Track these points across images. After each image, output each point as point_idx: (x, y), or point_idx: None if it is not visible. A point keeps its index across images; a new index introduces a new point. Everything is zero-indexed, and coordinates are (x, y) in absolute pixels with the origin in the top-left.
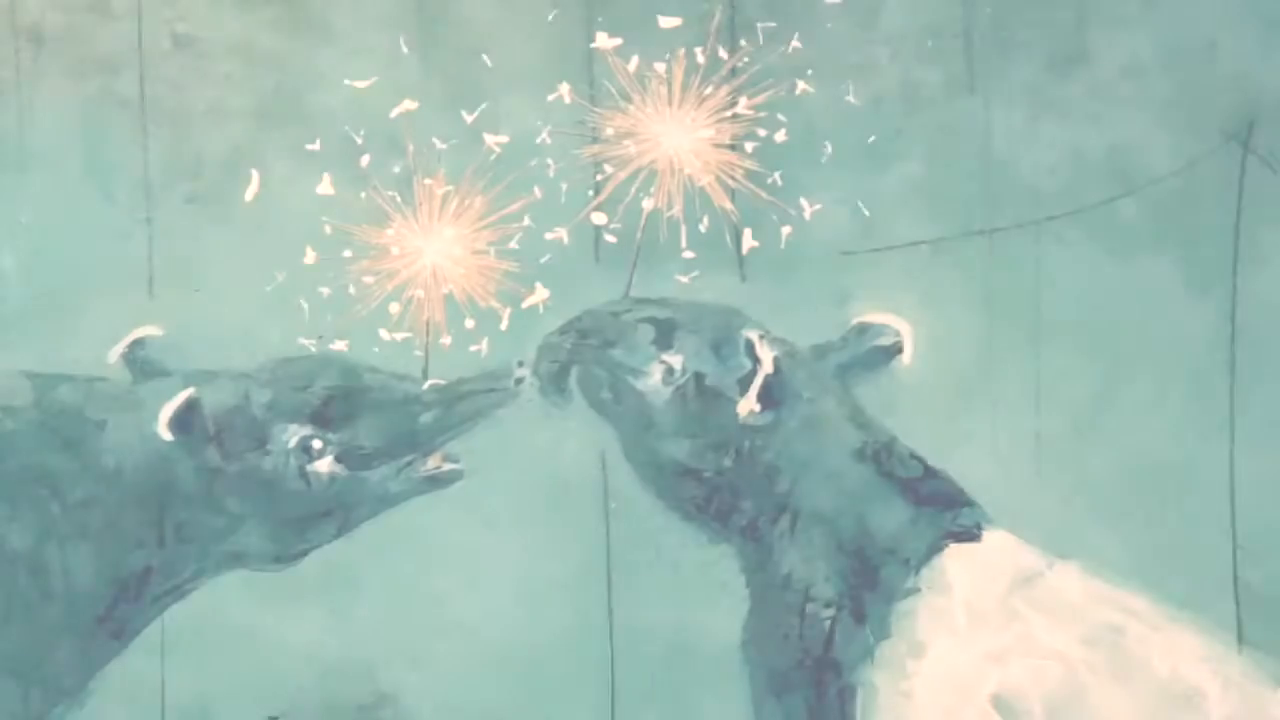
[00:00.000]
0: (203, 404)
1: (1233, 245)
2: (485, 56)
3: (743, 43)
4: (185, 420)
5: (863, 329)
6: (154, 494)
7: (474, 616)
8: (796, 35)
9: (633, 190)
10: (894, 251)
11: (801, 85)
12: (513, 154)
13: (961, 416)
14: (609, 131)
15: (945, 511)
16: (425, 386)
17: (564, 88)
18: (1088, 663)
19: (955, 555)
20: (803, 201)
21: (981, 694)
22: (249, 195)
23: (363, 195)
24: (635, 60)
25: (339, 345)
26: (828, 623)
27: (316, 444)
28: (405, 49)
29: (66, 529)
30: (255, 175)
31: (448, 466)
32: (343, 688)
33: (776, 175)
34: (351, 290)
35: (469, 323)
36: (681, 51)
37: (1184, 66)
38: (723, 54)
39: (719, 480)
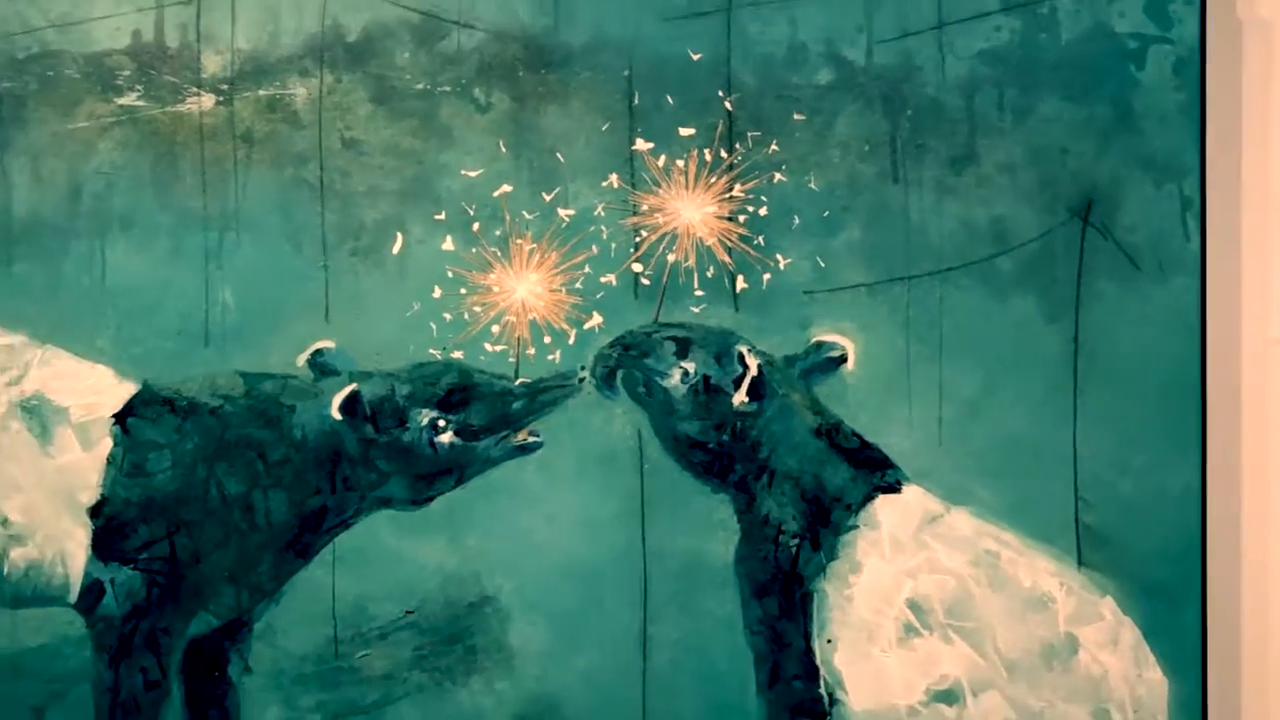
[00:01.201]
0: (362, 395)
1: (1075, 289)
2: (559, 155)
3: (737, 146)
4: (350, 406)
5: (819, 345)
6: (328, 457)
7: (548, 542)
8: (774, 141)
9: (660, 248)
10: (841, 291)
11: (778, 176)
12: (577, 223)
13: (887, 407)
14: (644, 208)
15: (875, 472)
16: (516, 384)
17: (613, 177)
18: (973, 577)
19: (882, 503)
20: (778, 256)
21: (900, 598)
22: (395, 249)
23: (474, 250)
24: (663, 158)
25: (457, 354)
26: (793, 548)
27: (440, 423)
28: (503, 149)
29: (267, 480)
30: (399, 236)
31: (531, 439)
32: (457, 590)
33: (760, 238)
34: (466, 316)
35: (546, 339)
36: (694, 152)
37: (1042, 164)
38: (723, 154)
39: (719, 450)
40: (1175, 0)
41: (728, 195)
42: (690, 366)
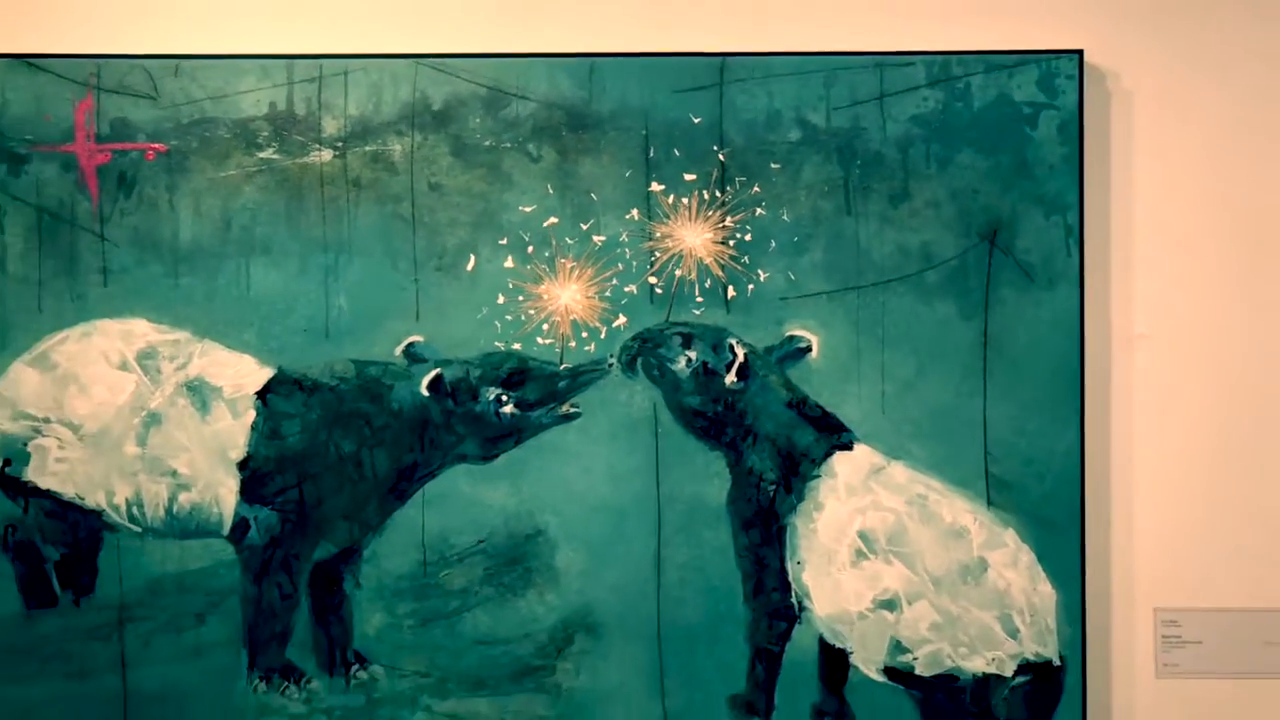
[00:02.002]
0: (444, 377)
1: (984, 296)
2: (593, 195)
3: (728, 188)
4: (435, 385)
5: (790, 338)
6: (418, 424)
7: (585, 488)
8: (756, 184)
9: (670, 265)
10: (807, 298)
11: (759, 210)
12: (607, 247)
13: (842, 385)
14: (657, 235)
15: (833, 434)
16: (561, 368)
17: (634, 211)
18: (908, 514)
19: (839, 458)
20: (759, 271)
21: (852, 530)
22: (469, 267)
23: (528, 267)
24: (672, 197)
25: (516, 346)
26: (771, 492)
27: (503, 398)
28: (551, 191)
29: (372, 442)
30: (472, 257)
31: (572, 410)
32: (516, 525)
33: (745, 258)
34: (522, 317)
35: (584, 334)
36: (696, 192)
37: (959, 201)
38: (718, 194)
39: (715, 418)
40: (1059, 75)
41: (721, 225)
42: (693, 355)
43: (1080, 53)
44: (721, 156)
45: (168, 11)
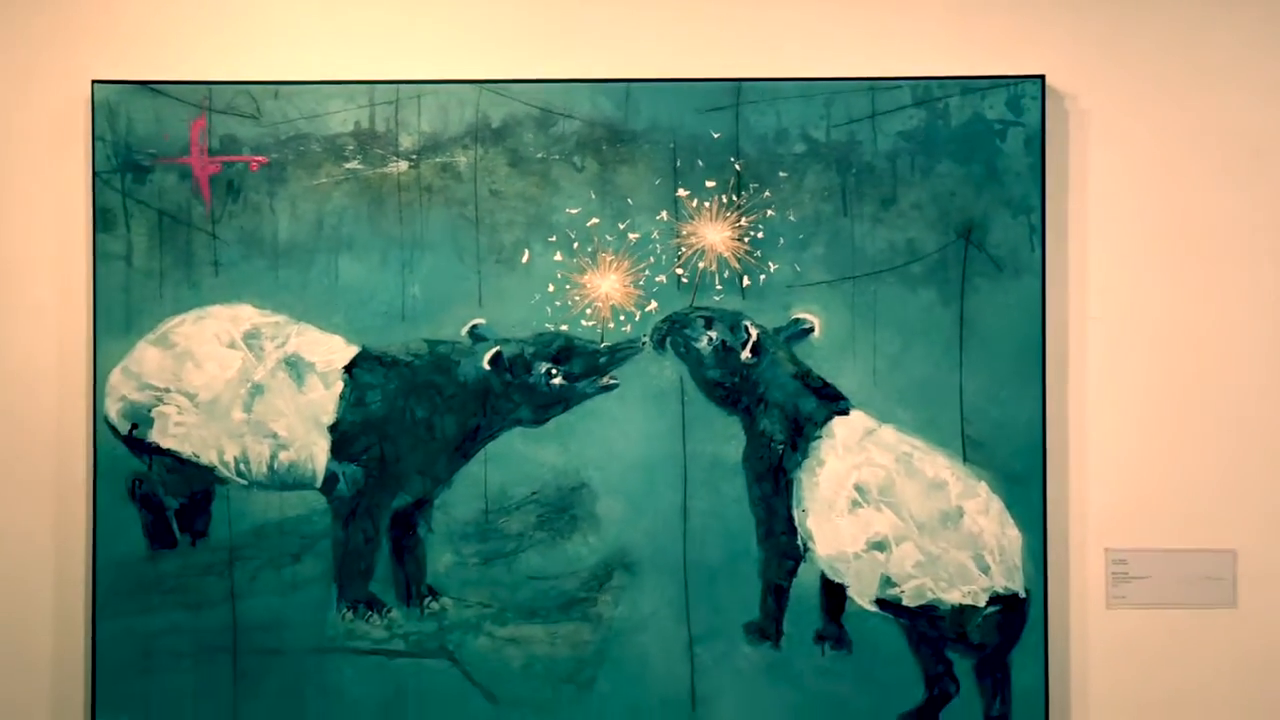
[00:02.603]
0: (503, 353)
1: (960, 285)
2: (629, 199)
3: (743, 193)
4: (495, 360)
5: (796, 320)
6: (481, 393)
7: (623, 448)
8: (767, 190)
9: (694, 259)
10: (810, 286)
11: (769, 212)
12: (641, 243)
13: (840, 360)
14: (684, 233)
15: (833, 402)
16: (601, 346)
17: (664, 213)
18: (896, 469)
19: (837, 422)
20: (769, 264)
21: (849, 483)
22: (524, 260)
23: (574, 260)
24: (696, 201)
25: (563, 327)
26: (780, 451)
27: (553, 371)
28: (593, 196)
29: (442, 408)
30: (527, 252)
31: (611, 382)
32: (564, 479)
33: (758, 252)
34: (569, 303)
35: (621, 317)
36: (716, 197)
37: (939, 204)
38: (735, 198)
39: (732, 388)
40: (1025, 97)
41: (737, 225)
42: (713, 334)
43: (1043, 77)
44: (737, 166)
45: (268, 44)
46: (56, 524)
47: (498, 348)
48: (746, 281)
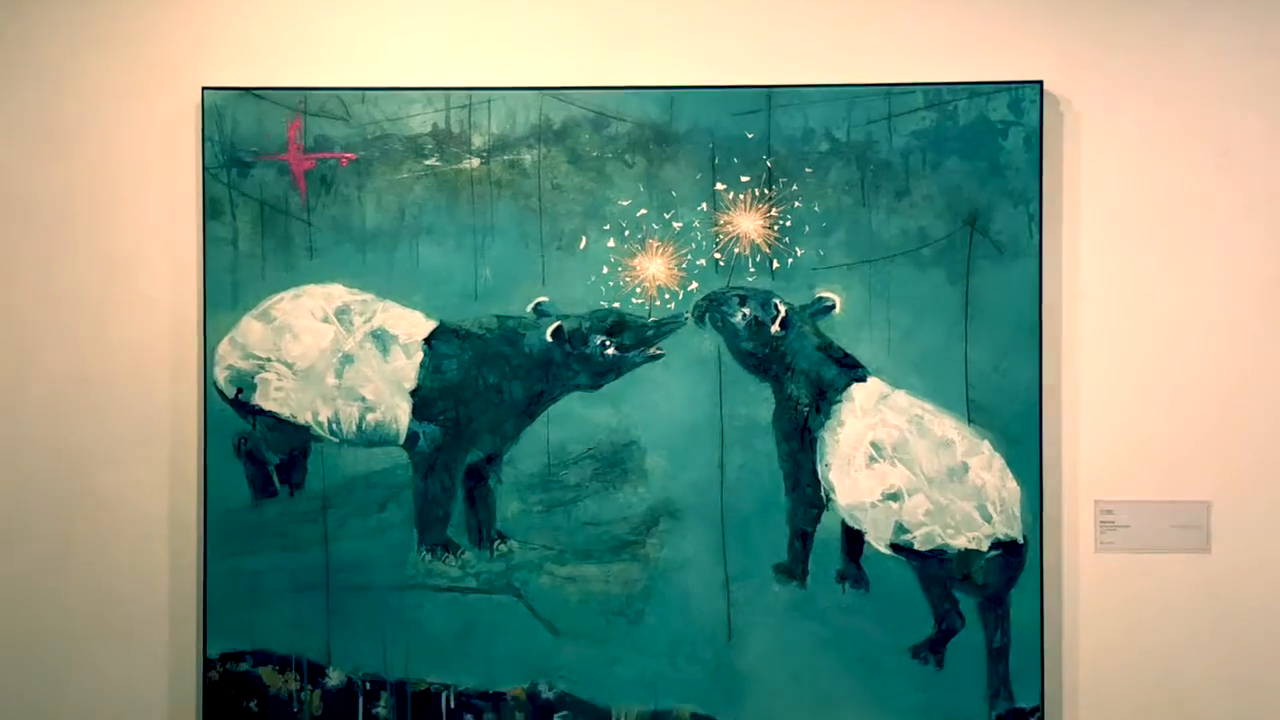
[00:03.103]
0: (564, 327)
1: (966, 266)
2: (673, 192)
3: (774, 187)
4: (557, 334)
5: (820, 299)
6: (543, 362)
7: (668, 410)
8: (795, 184)
9: (730, 245)
10: (831, 268)
11: (797, 204)
12: (684, 232)
13: (858, 333)
14: (721, 222)
15: (852, 370)
16: (649, 320)
17: (704, 204)
18: (907, 429)
19: (856, 388)
20: (797, 249)
21: (866, 441)
22: (581, 246)
23: (625, 246)
24: (732, 194)
25: (616, 305)
26: (805, 413)
27: (607, 343)
28: (642, 189)
29: (510, 375)
30: (584, 238)
31: (658, 352)
32: (616, 437)
33: (786, 239)
34: (621, 284)
35: (666, 296)
36: (750, 190)
37: (948, 196)
38: (767, 191)
39: (763, 358)
40: (1025, 100)
41: (768, 214)
42: (747, 311)
43: (1041, 83)
44: (769, 163)
45: (356, 54)
46: (172, 477)
47: (559, 322)
48: (776, 264)
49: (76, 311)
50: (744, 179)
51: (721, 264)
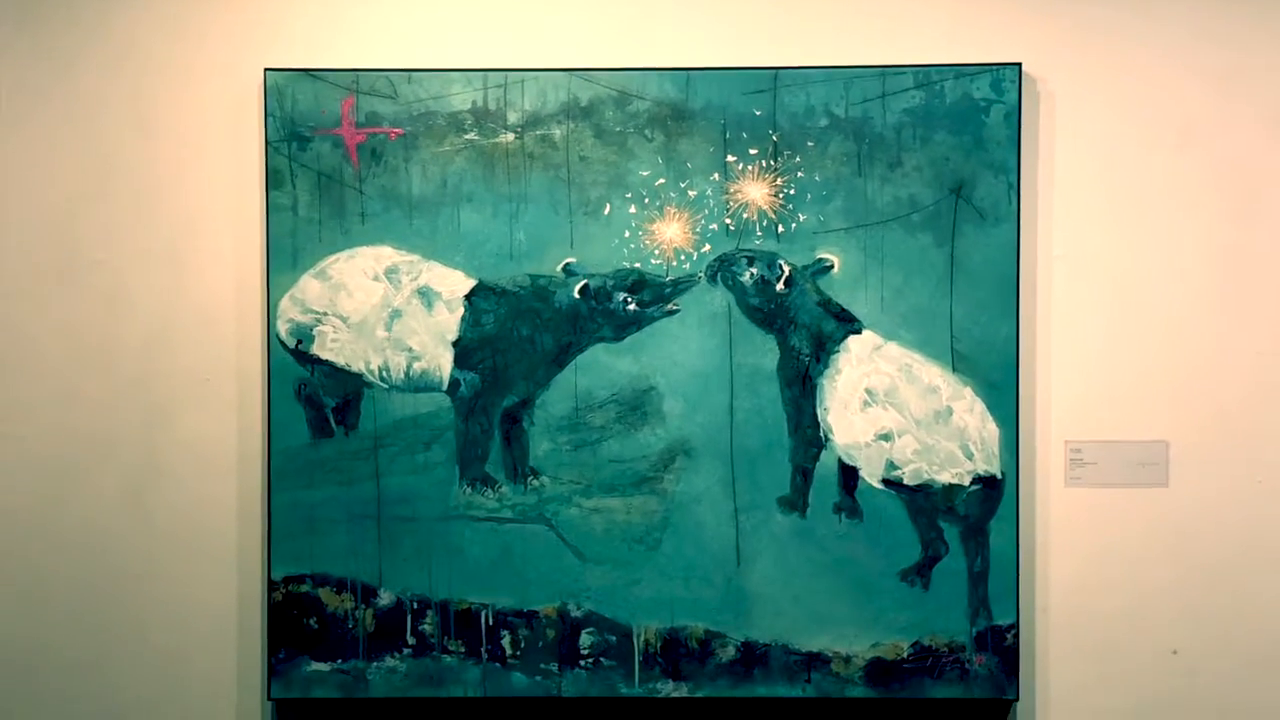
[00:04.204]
0: (589, 285)
1: (951, 230)
2: (688, 163)
3: (779, 159)
4: (583, 291)
5: (820, 260)
6: (571, 316)
7: (683, 359)
8: (798, 156)
9: (740, 210)
10: (830, 232)
11: (800, 174)
12: (698, 199)
13: (854, 291)
14: (732, 190)
15: (848, 324)
16: (667, 279)
17: (716, 175)
18: (898, 377)
19: (852, 340)
20: (799, 215)
21: (861, 387)
22: (606, 212)
23: (645, 212)
24: (741, 165)
25: (637, 265)
26: (806, 362)
27: (628, 299)
28: (660, 161)
29: (542, 328)
30: (608, 205)
31: (674, 308)
32: (637, 383)
33: (790, 205)
34: (642, 246)
35: (682, 257)
36: (757, 162)
37: (936, 167)
38: (773, 163)
39: (769, 313)
40: (1005, 80)
41: (774, 184)
42: (755, 270)
43: (1019, 65)
44: (774, 138)
45: (403, 39)
46: (240, 419)
47: (585, 281)
48: (781, 229)
49: (158, 270)
50: (752, 152)
51: (731, 228)
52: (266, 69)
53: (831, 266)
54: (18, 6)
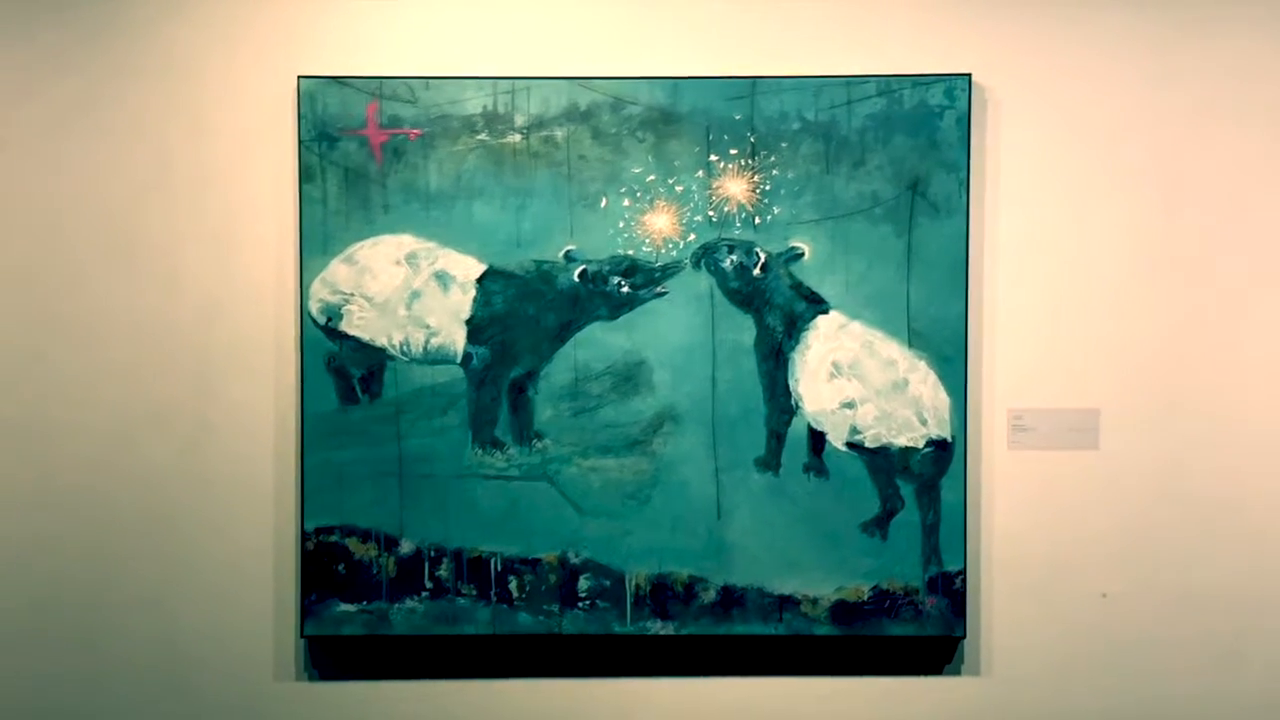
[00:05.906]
0: (588, 270)
1: (909, 222)
2: (675, 162)
3: (756, 158)
4: (582, 275)
5: (793, 248)
6: (571, 297)
7: (671, 335)
8: (773, 156)
9: (721, 204)
10: (802, 223)
11: (774, 171)
12: (685, 194)
13: (823, 275)
14: (714, 186)
15: (818, 304)
16: (657, 265)
17: (700, 172)
18: (861, 351)
19: (820, 319)
20: (775, 208)
21: (828, 361)
22: (602, 205)
23: (637, 205)
24: (723, 163)
25: (630, 252)
26: (779, 338)
27: (622, 283)
28: (650, 159)
29: (546, 308)
30: (605, 199)
31: (663, 290)
32: (630, 357)
33: (766, 200)
34: (634, 235)
35: (670, 246)
36: (737, 161)
37: (895, 165)
38: (750, 162)
39: (747, 295)
40: (957, 89)
41: (752, 180)
42: (735, 257)
43: (969, 75)
44: (752, 139)
45: (422, 49)
46: (276, 387)
47: (584, 266)
48: (758, 220)
49: (208, 254)
50: (733, 152)
51: (714, 220)
52: (300, 76)
53: (803, 254)
54: (88, 27)
